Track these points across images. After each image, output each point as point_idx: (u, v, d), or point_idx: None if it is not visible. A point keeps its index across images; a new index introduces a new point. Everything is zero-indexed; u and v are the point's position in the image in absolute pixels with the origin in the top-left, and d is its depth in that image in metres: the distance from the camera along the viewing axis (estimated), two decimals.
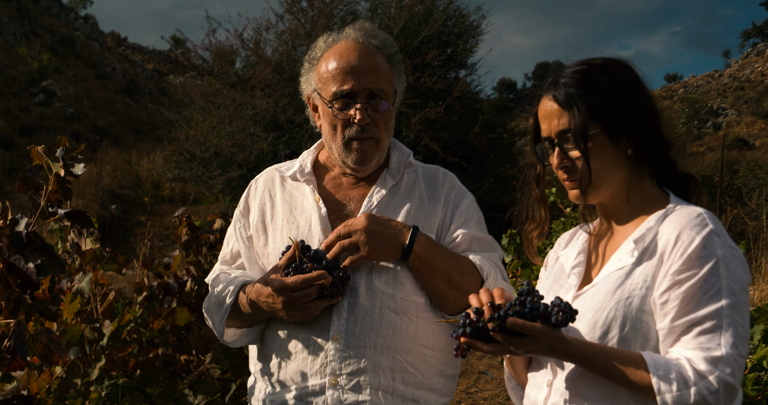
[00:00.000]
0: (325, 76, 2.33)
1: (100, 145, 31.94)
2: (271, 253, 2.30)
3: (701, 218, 1.82)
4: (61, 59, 42.48)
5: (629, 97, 1.91)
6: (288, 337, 2.23)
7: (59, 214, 1.97)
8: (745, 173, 20.09)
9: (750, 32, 57.99)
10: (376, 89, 2.29)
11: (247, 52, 21.29)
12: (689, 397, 1.68)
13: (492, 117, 22.01)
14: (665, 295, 1.78)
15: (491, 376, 7.19)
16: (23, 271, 1.89)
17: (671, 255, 1.80)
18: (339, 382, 2.15)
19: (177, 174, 22.28)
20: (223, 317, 2.25)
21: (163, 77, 55.35)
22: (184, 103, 23.90)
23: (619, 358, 1.76)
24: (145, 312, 3.78)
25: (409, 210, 2.37)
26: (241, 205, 2.43)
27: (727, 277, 1.75)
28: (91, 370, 3.41)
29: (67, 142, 2.05)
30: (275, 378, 2.25)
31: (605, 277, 1.92)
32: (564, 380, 1.92)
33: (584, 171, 1.92)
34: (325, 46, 2.41)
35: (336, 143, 2.33)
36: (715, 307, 1.73)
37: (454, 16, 21.64)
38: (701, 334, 1.72)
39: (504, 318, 1.78)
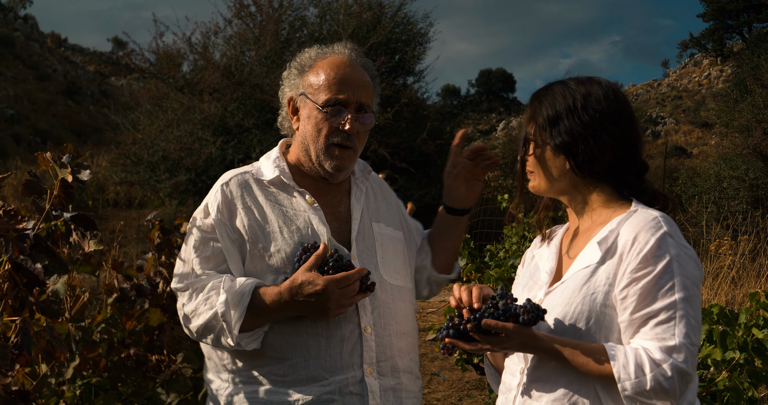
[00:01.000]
0: (317, 83, 2.45)
1: (43, 148, 31.47)
2: (274, 255, 2.35)
3: (656, 221, 2.01)
4: (1, 60, 41.68)
5: (579, 120, 2.13)
6: (312, 336, 2.32)
7: (64, 217, 2.08)
8: (684, 181, 20.64)
9: (688, 43, 59.37)
10: (366, 103, 2.47)
11: (195, 56, 21.20)
12: (646, 383, 1.86)
13: (439, 123, 22.28)
14: (624, 292, 1.97)
15: (443, 377, 7.34)
16: (30, 271, 2.00)
17: (629, 254, 1.98)
18: (374, 370, 2.34)
19: (124, 177, 22.08)
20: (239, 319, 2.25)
21: (105, 79, 54.64)
22: (130, 106, 23.68)
23: (584, 351, 1.95)
24: (116, 313, 3.85)
25: (386, 209, 2.66)
26: (219, 210, 2.41)
27: (680, 274, 1.93)
28: (65, 370, 3.48)
29: (72, 149, 2.14)
30: (296, 376, 2.31)
31: (573, 275, 2.11)
32: (535, 368, 2.12)
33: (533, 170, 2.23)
34: (317, 56, 2.54)
35: (317, 146, 2.45)
36: (669, 300, 1.91)
37: (402, 23, 21.87)
38: (657, 325, 1.91)
39: (480, 320, 2.00)
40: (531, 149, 2.21)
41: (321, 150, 2.45)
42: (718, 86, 48.48)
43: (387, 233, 2.57)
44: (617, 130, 2.13)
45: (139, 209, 23.27)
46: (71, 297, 3.69)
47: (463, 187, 2.63)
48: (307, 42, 20.53)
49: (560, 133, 2.13)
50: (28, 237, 2.01)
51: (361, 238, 2.48)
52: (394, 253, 2.55)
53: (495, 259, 6.51)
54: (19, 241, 2.01)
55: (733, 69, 35.44)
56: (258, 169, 2.55)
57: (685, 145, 41.35)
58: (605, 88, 2.18)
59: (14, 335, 2.00)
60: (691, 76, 59.05)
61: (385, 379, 2.36)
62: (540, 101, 2.21)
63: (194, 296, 2.34)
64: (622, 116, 2.16)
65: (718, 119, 25.95)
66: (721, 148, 22.93)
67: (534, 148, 2.20)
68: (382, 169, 15.77)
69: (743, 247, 9.68)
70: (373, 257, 2.46)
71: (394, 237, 2.59)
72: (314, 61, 2.51)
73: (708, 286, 8.83)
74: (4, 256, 2.01)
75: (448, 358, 7.43)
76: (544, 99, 2.21)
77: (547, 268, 2.26)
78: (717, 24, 54.68)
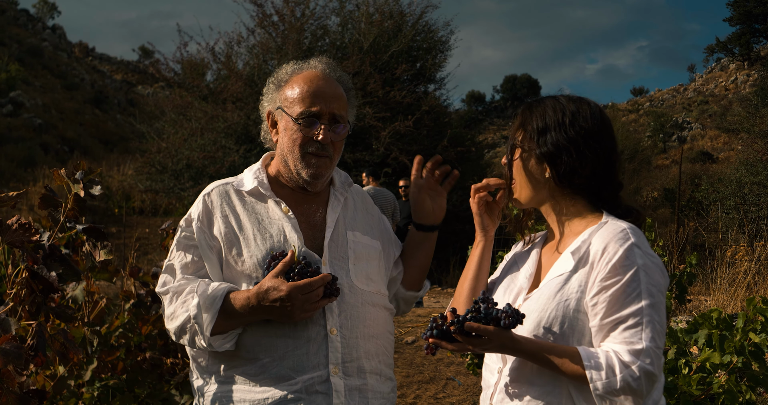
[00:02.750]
0: (292, 96, 2.60)
1: (70, 157, 31.89)
2: (247, 261, 2.50)
3: (624, 233, 2.15)
4: (29, 70, 42.26)
5: (565, 134, 2.27)
6: (281, 337, 2.45)
7: (77, 229, 2.25)
8: (706, 187, 20.60)
9: (714, 47, 58.94)
10: (339, 115, 2.60)
11: (218, 66, 21.46)
12: (616, 383, 2.01)
13: (460, 130, 22.34)
14: (595, 299, 2.11)
15: (458, 382, 7.43)
16: (45, 279, 2.17)
17: (598, 264, 2.13)
18: (340, 370, 2.46)
19: (149, 186, 22.38)
20: (211, 322, 2.40)
21: (132, 88, 55.17)
22: (155, 115, 23.99)
23: (558, 353, 2.09)
24: (133, 318, 4.04)
25: (365, 220, 2.78)
26: (199, 218, 2.58)
27: (647, 282, 2.08)
28: (84, 372, 3.66)
29: (85, 165, 2.32)
30: (267, 375, 2.45)
31: (548, 282, 2.26)
32: (511, 368, 2.26)
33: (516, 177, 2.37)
34: (293, 71, 2.68)
35: (294, 156, 2.59)
36: (636, 307, 2.06)
37: (423, 31, 21.98)
38: (625, 330, 2.05)
39: (462, 322, 2.11)
40: (516, 154, 2.35)
41: (298, 159, 2.58)
42: (745, 91, 48.04)
43: (362, 241, 2.69)
44: (599, 147, 2.26)
45: (164, 217, 23.54)
46: (90, 303, 3.87)
47: (428, 202, 2.76)
48: (329, 50, 20.74)
49: (546, 143, 2.27)
50: (42, 247, 2.19)
51: (334, 245, 2.60)
52: (367, 260, 2.66)
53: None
54: (33, 251, 2.18)
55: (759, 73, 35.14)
56: (240, 180, 2.69)
57: (711, 151, 41.13)
58: (593, 109, 2.32)
59: (30, 338, 2.18)
60: (717, 80, 58.64)
61: (351, 379, 2.48)
62: (531, 111, 2.35)
63: (174, 299, 2.49)
64: (605, 136, 2.29)
65: (739, 125, 25.80)
66: (744, 153, 22.85)
67: (520, 153, 2.34)
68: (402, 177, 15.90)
69: (759, 253, 9.70)
70: (345, 263, 2.58)
71: (369, 245, 2.71)
72: (290, 75, 2.66)
73: (723, 291, 8.87)
74: (21, 265, 2.19)
75: (463, 362, 7.53)
76: (536, 110, 2.34)
77: (527, 273, 2.40)
78: (744, 28, 54.26)
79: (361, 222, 2.76)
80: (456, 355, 7.77)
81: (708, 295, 9.30)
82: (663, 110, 52.64)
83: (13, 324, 2.13)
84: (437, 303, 13.85)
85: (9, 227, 2.01)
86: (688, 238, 13.08)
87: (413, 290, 2.86)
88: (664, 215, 23.66)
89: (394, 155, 18.69)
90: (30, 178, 26.95)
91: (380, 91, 19.21)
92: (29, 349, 2.15)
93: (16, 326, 2.16)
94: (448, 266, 18.90)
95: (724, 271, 9.25)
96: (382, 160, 18.94)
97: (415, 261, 2.85)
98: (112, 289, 8.26)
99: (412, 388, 7.26)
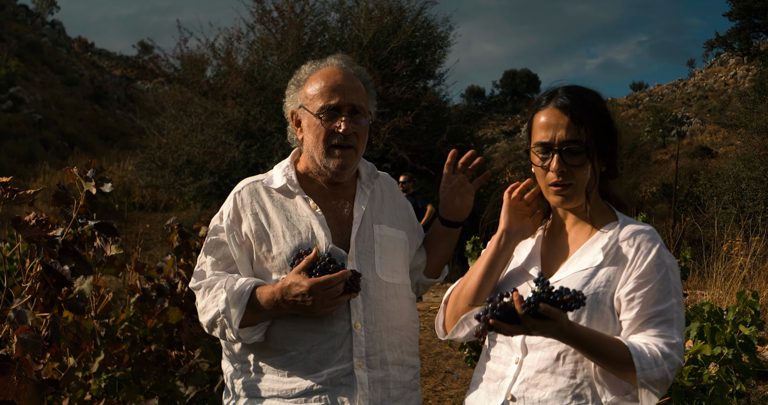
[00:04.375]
0: (312, 93, 2.70)
1: (70, 152, 31.94)
2: (276, 257, 2.60)
3: (653, 233, 2.27)
4: (29, 65, 42.23)
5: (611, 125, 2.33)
6: (308, 331, 2.56)
7: (89, 225, 2.35)
8: (704, 182, 20.67)
9: (714, 42, 58.78)
10: (358, 106, 2.69)
11: (218, 62, 21.47)
12: (658, 373, 2.09)
13: (460, 126, 22.37)
14: (631, 294, 2.19)
15: (457, 375, 7.52)
16: (59, 273, 2.28)
17: (633, 262, 2.22)
18: (364, 363, 2.56)
19: (149, 181, 22.42)
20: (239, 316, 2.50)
21: (131, 83, 55.13)
22: (155, 111, 24.03)
23: (606, 341, 2.13)
24: (138, 312, 4.14)
25: (392, 210, 2.87)
26: (229, 216, 2.68)
27: (674, 281, 2.21)
28: (91, 364, 3.77)
29: (96, 164, 2.42)
30: (294, 367, 2.56)
31: (572, 275, 2.30)
32: (535, 359, 2.29)
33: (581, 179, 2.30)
34: (311, 70, 2.78)
35: (319, 150, 2.68)
36: (669, 304, 2.17)
37: (422, 27, 21.99)
38: (659, 324, 2.16)
39: (537, 303, 2.05)
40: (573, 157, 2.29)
41: (323, 153, 2.67)
42: (745, 86, 47.97)
43: (388, 234, 2.78)
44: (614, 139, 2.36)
45: (164, 212, 23.62)
46: (96, 297, 3.97)
47: (457, 200, 2.85)
48: (329, 46, 20.77)
49: (598, 139, 2.30)
50: (57, 242, 2.29)
51: (361, 239, 2.69)
52: (393, 252, 2.76)
53: None
54: (50, 246, 2.28)
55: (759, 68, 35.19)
56: (269, 177, 2.78)
57: (710, 145, 41.10)
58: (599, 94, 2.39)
59: (45, 329, 2.28)
60: (717, 75, 58.56)
61: (374, 371, 2.58)
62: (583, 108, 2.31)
63: (205, 294, 2.61)
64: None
65: (737, 121, 25.85)
66: (742, 149, 22.93)
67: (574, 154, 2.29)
68: (402, 172, 15.98)
69: (755, 248, 9.79)
70: (371, 257, 2.68)
71: (395, 237, 2.80)
72: (309, 74, 2.76)
73: (719, 286, 8.96)
74: (36, 259, 2.30)
75: (462, 355, 7.60)
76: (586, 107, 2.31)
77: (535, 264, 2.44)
78: (743, 23, 54.10)
79: (388, 213, 2.85)
80: (454, 349, 7.84)
81: (704, 290, 9.39)
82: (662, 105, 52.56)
83: (29, 315, 2.24)
84: (436, 297, 13.93)
85: (27, 223, 2.12)
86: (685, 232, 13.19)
87: (433, 277, 2.98)
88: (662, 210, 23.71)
89: (393, 151, 18.73)
90: (30, 174, 27.02)
91: (380, 86, 19.23)
92: (44, 339, 2.25)
93: (32, 318, 2.27)
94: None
95: (721, 266, 9.34)
96: (382, 155, 19.01)
97: (437, 250, 2.95)
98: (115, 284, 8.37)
99: None
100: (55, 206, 2.42)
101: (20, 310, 2.22)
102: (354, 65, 2.81)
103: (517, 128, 56.10)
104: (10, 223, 2.21)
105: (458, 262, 18.39)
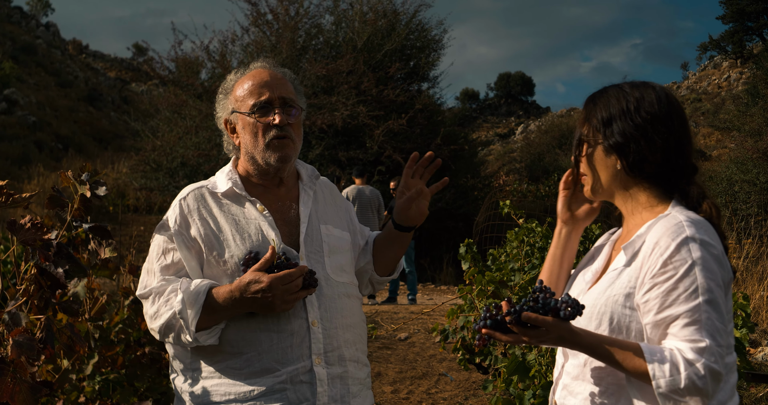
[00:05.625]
0: (242, 94, 2.74)
1: (65, 154, 31.91)
2: (228, 261, 2.60)
3: (679, 225, 2.06)
4: (23, 67, 42.15)
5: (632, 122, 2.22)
6: (265, 331, 2.56)
7: (83, 228, 2.37)
8: None
9: (707, 45, 58.87)
10: (288, 98, 2.73)
11: (213, 64, 21.54)
12: (680, 381, 1.93)
13: (454, 128, 22.47)
14: (646, 296, 2.04)
15: (451, 377, 7.54)
16: (53, 275, 2.30)
17: (649, 260, 2.06)
18: (322, 360, 2.57)
19: (143, 184, 22.48)
20: (195, 317, 2.49)
21: (126, 85, 55.09)
22: (150, 113, 24.08)
23: (619, 347, 2.02)
24: (132, 314, 4.16)
25: (334, 212, 2.91)
26: (176, 221, 2.67)
27: (704, 277, 1.99)
28: (85, 366, 3.78)
29: (90, 167, 2.44)
30: (252, 368, 2.55)
31: (604, 277, 2.23)
32: (572, 365, 2.27)
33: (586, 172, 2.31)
34: (236, 77, 2.83)
35: (259, 147, 2.70)
36: (693, 304, 1.98)
37: (417, 30, 22.12)
38: (684, 327, 1.98)
39: (519, 312, 2.02)
40: (584, 150, 2.30)
41: (263, 149, 2.69)
42: (738, 89, 48.10)
43: (334, 234, 2.81)
44: (668, 132, 2.20)
45: (158, 215, 23.56)
46: (90, 299, 3.99)
47: (413, 207, 2.81)
48: (323, 49, 20.85)
49: (613, 133, 2.21)
50: (52, 245, 2.31)
51: (309, 239, 2.71)
52: (340, 252, 2.79)
53: (496, 262, 6.73)
54: (45, 249, 2.30)
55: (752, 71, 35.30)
56: (213, 182, 2.79)
57: (704, 148, 41.20)
58: (659, 93, 2.26)
59: (39, 331, 2.30)
60: (710, 78, 58.70)
61: (333, 367, 2.60)
62: (595, 103, 2.30)
63: (156, 299, 2.58)
64: (674, 119, 2.23)
65: (730, 124, 25.93)
66: (735, 151, 23.01)
67: (587, 148, 2.29)
68: (396, 175, 15.98)
69: (748, 250, 9.84)
70: (321, 257, 2.70)
71: (341, 238, 2.83)
72: (235, 81, 2.80)
73: None
74: (31, 262, 2.32)
75: (455, 358, 7.63)
76: (599, 101, 2.29)
77: (594, 268, 2.37)
78: (736, 26, 54.22)
79: (332, 215, 2.88)
80: (448, 351, 7.88)
81: None
82: None
83: (23, 318, 2.26)
84: (430, 300, 13.98)
85: (22, 227, 2.14)
86: None
87: (386, 275, 2.99)
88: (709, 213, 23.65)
89: (387, 154, 18.82)
90: (24, 176, 26.97)
91: (374, 89, 19.33)
92: (39, 341, 2.27)
93: (26, 320, 2.29)
94: (441, 264, 19.03)
95: None
96: (376, 158, 19.08)
97: (389, 252, 2.95)
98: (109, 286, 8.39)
99: (405, 384, 7.38)
100: (50, 209, 2.44)
101: (15, 313, 2.24)
102: (278, 67, 2.85)
103: (512, 130, 56.19)
104: (5, 226, 2.23)
105: (452, 264, 18.48)
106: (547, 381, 4.18)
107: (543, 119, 52.48)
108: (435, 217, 19.70)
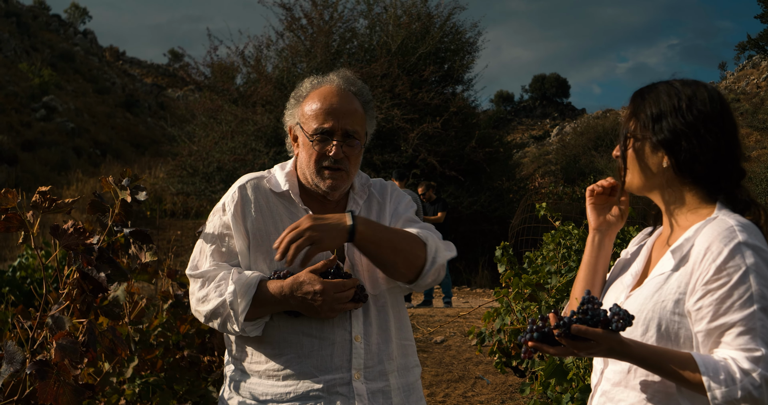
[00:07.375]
0: (308, 113, 2.69)
1: (102, 160, 32.34)
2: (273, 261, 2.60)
3: (731, 230, 1.99)
4: (61, 74, 42.80)
5: (683, 119, 2.15)
6: (308, 336, 2.57)
7: (124, 232, 2.41)
8: None
9: (745, 45, 58.21)
10: (352, 130, 2.67)
11: (248, 69, 21.68)
12: (736, 392, 1.86)
13: (488, 131, 22.40)
14: (699, 303, 1.97)
15: (487, 381, 7.51)
16: (95, 279, 2.33)
17: (701, 265, 1.98)
18: (362, 376, 2.57)
19: (180, 188, 22.68)
20: (246, 308, 2.50)
21: (162, 91, 55.69)
22: (186, 119, 24.30)
23: (671, 359, 1.95)
24: (171, 317, 4.20)
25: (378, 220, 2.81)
26: (234, 208, 2.66)
27: (759, 284, 1.92)
28: (125, 369, 3.83)
29: (130, 172, 2.47)
30: (290, 371, 2.57)
31: (649, 280, 2.14)
32: (612, 371, 2.21)
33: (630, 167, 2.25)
34: (311, 87, 2.77)
35: (310, 170, 2.68)
36: (747, 312, 1.91)
37: (451, 33, 22.09)
38: (738, 336, 1.90)
39: (569, 325, 1.96)
40: (630, 145, 2.23)
41: (314, 173, 2.67)
42: None
43: None
44: (720, 132, 2.13)
45: (195, 219, 23.77)
46: (130, 303, 4.04)
47: None
48: (357, 53, 20.91)
49: (662, 130, 2.14)
50: (94, 250, 2.35)
51: (353, 251, 2.68)
52: None
53: (532, 265, 6.70)
54: (87, 253, 2.34)
55: None
56: (272, 177, 2.78)
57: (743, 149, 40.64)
58: (711, 92, 2.18)
59: (82, 335, 2.33)
60: (749, 78, 57.95)
61: (373, 383, 2.59)
62: (643, 98, 2.23)
63: (206, 284, 2.59)
64: (726, 120, 2.16)
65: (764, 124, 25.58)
66: None
67: (633, 143, 2.22)
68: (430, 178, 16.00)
69: None
70: (365, 271, 2.68)
71: None
72: (308, 91, 2.76)
73: None
74: (73, 266, 2.35)
75: (492, 361, 7.60)
76: (648, 96, 2.23)
77: (634, 271, 2.31)
78: None
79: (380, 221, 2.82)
80: (484, 354, 7.85)
81: None
82: None
83: (66, 321, 2.29)
84: (466, 303, 13.95)
85: (65, 231, 2.17)
86: None
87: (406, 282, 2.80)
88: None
89: (422, 156, 18.79)
90: (64, 182, 27.36)
91: (408, 92, 19.34)
92: (81, 344, 2.30)
93: (69, 323, 2.32)
94: (476, 267, 18.96)
95: None
96: (411, 161, 19.06)
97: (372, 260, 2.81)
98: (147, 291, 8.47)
99: (441, 387, 7.36)
100: (91, 214, 2.47)
101: (58, 317, 2.28)
102: (356, 83, 2.79)
103: (547, 132, 55.90)
104: (48, 231, 2.27)
105: (488, 267, 18.42)
106: (585, 384, 4.15)
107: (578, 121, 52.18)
108: (470, 219, 19.66)
